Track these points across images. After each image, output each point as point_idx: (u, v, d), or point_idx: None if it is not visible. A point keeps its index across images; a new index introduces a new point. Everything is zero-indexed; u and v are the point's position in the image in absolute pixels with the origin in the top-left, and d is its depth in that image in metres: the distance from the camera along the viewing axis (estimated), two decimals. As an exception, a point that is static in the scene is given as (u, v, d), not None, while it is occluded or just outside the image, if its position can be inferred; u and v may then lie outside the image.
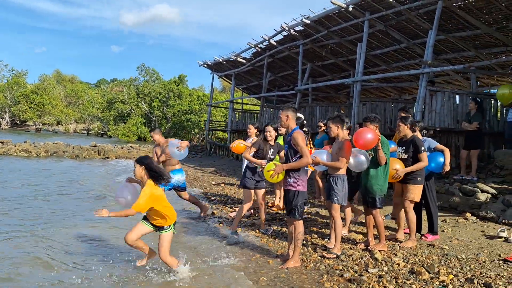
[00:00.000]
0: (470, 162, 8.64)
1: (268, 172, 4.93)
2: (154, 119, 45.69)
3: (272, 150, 6.42)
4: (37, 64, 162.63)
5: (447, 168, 5.81)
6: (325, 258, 5.17)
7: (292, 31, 14.51)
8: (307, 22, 13.37)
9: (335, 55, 16.20)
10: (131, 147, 23.42)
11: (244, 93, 26.14)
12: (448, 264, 4.80)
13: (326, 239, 5.86)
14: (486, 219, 6.65)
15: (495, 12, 10.19)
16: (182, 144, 6.88)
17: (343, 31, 13.76)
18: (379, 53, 14.65)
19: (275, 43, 16.24)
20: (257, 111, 22.64)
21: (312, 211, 7.71)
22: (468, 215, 6.82)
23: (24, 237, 6.04)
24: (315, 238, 6.03)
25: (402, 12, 11.04)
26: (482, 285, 4.18)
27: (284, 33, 15.08)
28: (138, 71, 49.09)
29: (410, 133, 5.62)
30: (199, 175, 14.17)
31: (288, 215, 5.01)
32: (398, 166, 5.44)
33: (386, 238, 5.55)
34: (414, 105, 10.42)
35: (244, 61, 19.48)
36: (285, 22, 14.34)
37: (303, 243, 5.52)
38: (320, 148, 6.92)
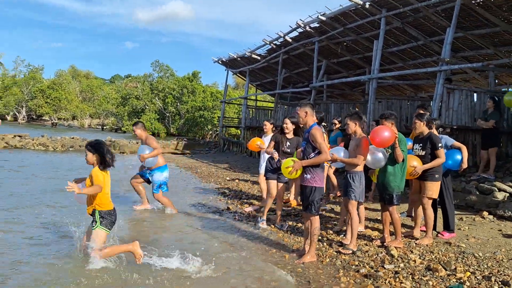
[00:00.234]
0: (488, 161, 8.56)
1: (286, 168, 4.97)
2: (168, 115, 46.05)
3: (288, 143, 6.50)
4: (53, 60, 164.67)
5: (465, 165, 5.80)
6: (341, 253, 5.20)
7: (307, 28, 14.50)
8: (323, 19, 13.35)
9: (350, 52, 16.14)
10: (145, 142, 23.65)
11: (258, 89, 26.18)
12: (465, 261, 4.80)
13: (342, 235, 5.90)
14: (503, 218, 6.60)
15: (515, 9, 10.06)
16: (141, 157, 6.96)
17: (359, 28, 13.70)
18: (396, 50, 14.55)
19: (290, 40, 16.24)
20: (271, 108, 22.66)
21: (327, 207, 7.74)
22: (485, 213, 6.77)
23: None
24: (331, 234, 6.07)
25: (420, 9, 10.96)
26: (500, 283, 4.17)
27: (300, 30, 15.09)
28: (153, 67, 49.49)
29: (427, 130, 5.61)
30: (213, 170, 14.29)
31: (305, 211, 5.05)
32: (415, 163, 5.44)
33: (402, 235, 5.56)
34: (431, 102, 10.34)
35: (258, 57, 19.52)
36: (300, 19, 14.36)
37: (319, 238, 5.56)
38: (334, 146, 6.96)
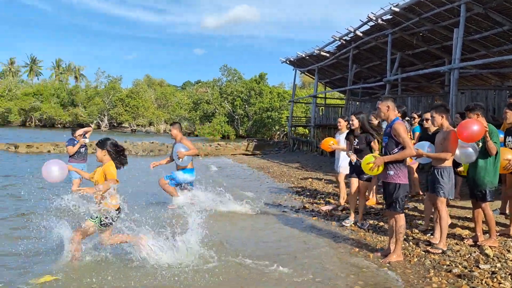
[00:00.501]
0: None
1: (367, 164, 4.83)
2: (237, 117, 47.01)
3: (357, 140, 6.39)
4: (130, 70, 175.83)
5: None
6: (429, 253, 4.95)
7: (379, 21, 14.02)
8: (396, 10, 12.82)
9: (427, 43, 15.32)
10: (218, 144, 24.39)
11: (327, 87, 25.83)
12: None
13: (429, 234, 5.61)
14: None
15: None
16: (179, 153, 7.20)
17: (436, 17, 12.96)
18: (478, 37, 13.56)
19: (361, 34, 15.81)
20: (341, 105, 22.23)
21: (410, 205, 7.41)
22: None
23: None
24: (416, 233, 5.80)
25: (505, -9, 10.12)
26: None
27: (371, 23, 14.63)
28: (221, 72, 50.79)
29: (520, 120, 5.16)
30: (285, 170, 14.33)
31: (388, 209, 4.88)
32: (510, 156, 5.03)
33: (496, 233, 5.16)
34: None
35: (327, 54, 19.25)
36: (372, 12, 13.91)
37: (404, 237, 5.34)
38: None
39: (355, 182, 6.50)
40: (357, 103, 19.06)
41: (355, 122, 6.44)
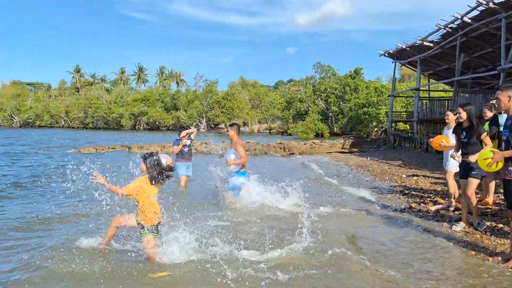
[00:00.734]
0: None
1: (484, 160, 4.44)
2: (331, 114, 46.33)
3: (464, 133, 5.88)
4: (225, 73, 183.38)
5: None
6: None
7: (491, 5, 12.75)
8: (511, -10, 11.57)
9: (548, 25, 13.57)
10: (313, 143, 24.27)
11: (431, 79, 24.21)
12: None
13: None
14: None
15: None
16: (227, 162, 6.98)
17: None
18: None
19: (469, 21, 14.53)
20: (447, 97, 20.67)
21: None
22: None
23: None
24: (546, 237, 5.17)
25: None
26: None
27: (481, 8, 13.37)
28: (314, 69, 50.48)
29: None
30: (386, 168, 13.76)
31: (510, 208, 4.43)
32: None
33: None
34: None
35: (431, 44, 18.02)
36: (480, -4, 12.73)
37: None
38: None
39: (466, 181, 5.98)
40: (466, 95, 17.52)
41: (463, 115, 5.92)
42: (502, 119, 6.40)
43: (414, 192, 9.05)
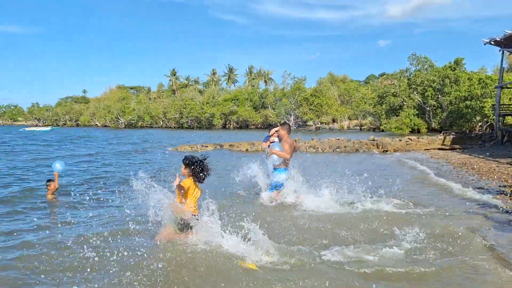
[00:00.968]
0: None
1: None
2: (428, 109, 43.36)
3: None
4: (313, 70, 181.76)
5: None
6: None
7: None
8: None
9: None
10: (409, 139, 22.83)
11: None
12: None
13: None
14: None
15: None
16: (270, 149, 7.34)
17: None
18: None
19: None
20: None
21: None
22: None
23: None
24: None
25: None
26: None
27: None
28: (409, 61, 47.60)
29: None
30: (494, 166, 12.35)
31: None
32: None
33: None
34: None
35: (549, 27, 15.84)
36: None
37: None
38: None
39: None
40: None
41: None
42: None
43: (535, 195, 7.93)
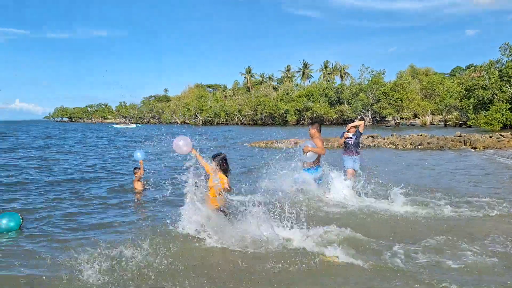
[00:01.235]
0: None
1: None
2: (524, 103, 39.21)
3: None
4: (392, 63, 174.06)
5: None
6: None
7: None
8: None
9: None
10: (501, 135, 20.77)
11: None
12: None
13: None
14: None
15: None
16: (305, 148, 7.45)
17: None
18: None
19: None
20: None
21: None
22: None
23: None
24: None
25: None
26: None
27: None
28: (501, 52, 43.36)
29: None
30: None
31: None
32: None
33: None
34: None
35: None
36: None
37: None
38: None
39: None
40: None
41: None
42: None
43: None
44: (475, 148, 19.36)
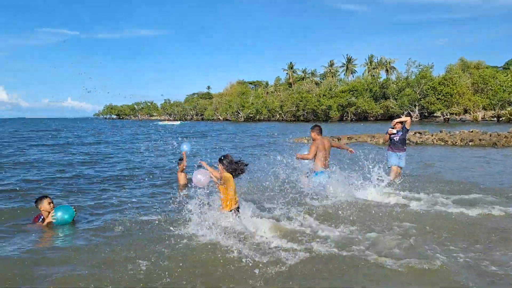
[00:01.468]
0: None
1: None
2: None
3: None
4: (441, 56, 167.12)
5: None
6: None
7: None
8: None
9: None
10: None
11: None
12: None
13: None
14: None
15: None
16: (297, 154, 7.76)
17: None
18: None
19: None
20: None
21: None
22: None
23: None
24: None
25: None
26: None
27: None
28: None
29: None
30: None
31: None
32: None
33: None
34: None
35: None
36: None
37: None
38: None
39: None
40: None
41: None
42: None
43: None
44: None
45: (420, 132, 21.63)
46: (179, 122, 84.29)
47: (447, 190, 8.08)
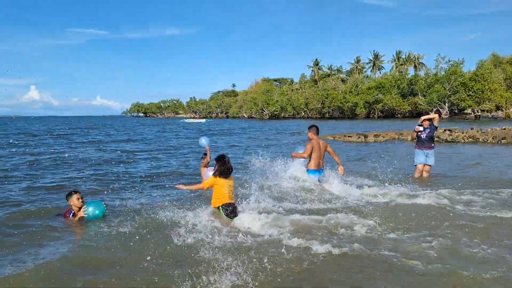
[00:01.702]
0: None
1: None
2: None
3: None
4: (471, 51, 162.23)
5: None
6: None
7: None
8: None
9: None
10: None
11: None
12: None
13: None
14: None
15: None
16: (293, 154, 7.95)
17: None
18: None
19: None
20: None
21: None
22: None
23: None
24: None
25: None
26: None
27: None
28: None
29: None
30: None
31: None
32: None
33: None
34: None
35: None
36: None
37: None
38: None
39: None
40: None
41: None
42: None
43: None
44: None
45: (450, 129, 21.11)
46: (204, 120, 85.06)
47: (496, 192, 7.29)
